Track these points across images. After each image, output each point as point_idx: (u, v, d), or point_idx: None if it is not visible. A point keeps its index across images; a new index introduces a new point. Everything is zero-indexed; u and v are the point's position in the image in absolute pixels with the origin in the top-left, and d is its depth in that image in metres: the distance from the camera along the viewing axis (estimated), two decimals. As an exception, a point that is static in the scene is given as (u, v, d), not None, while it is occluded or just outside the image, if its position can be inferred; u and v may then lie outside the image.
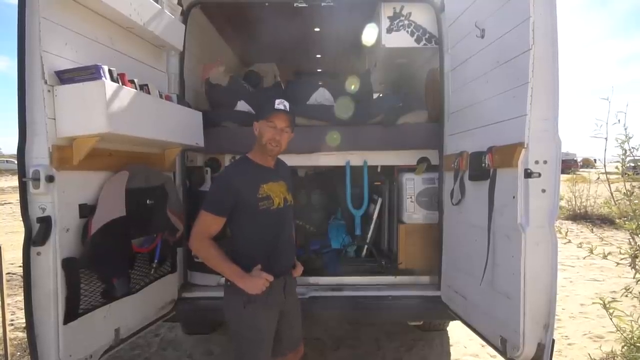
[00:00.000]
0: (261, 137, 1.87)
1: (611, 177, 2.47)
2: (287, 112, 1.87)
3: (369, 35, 3.15)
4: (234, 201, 1.80)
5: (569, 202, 9.14)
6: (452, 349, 3.29)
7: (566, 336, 3.50)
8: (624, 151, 2.27)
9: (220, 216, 1.79)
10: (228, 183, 1.83)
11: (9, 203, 12.57)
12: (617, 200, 2.41)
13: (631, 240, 2.31)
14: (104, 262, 1.80)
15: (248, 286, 1.75)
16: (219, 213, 1.79)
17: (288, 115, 1.88)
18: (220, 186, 1.86)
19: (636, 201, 2.32)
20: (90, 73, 1.65)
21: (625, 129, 2.21)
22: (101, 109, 1.63)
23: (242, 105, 2.96)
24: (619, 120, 2.18)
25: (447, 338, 3.43)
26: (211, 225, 1.79)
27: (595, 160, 26.97)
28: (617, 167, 2.34)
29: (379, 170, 3.05)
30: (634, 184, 2.36)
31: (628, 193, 2.30)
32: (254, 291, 1.74)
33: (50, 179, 1.59)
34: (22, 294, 1.64)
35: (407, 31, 2.86)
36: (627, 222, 2.30)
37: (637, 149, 2.26)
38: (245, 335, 1.84)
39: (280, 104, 1.86)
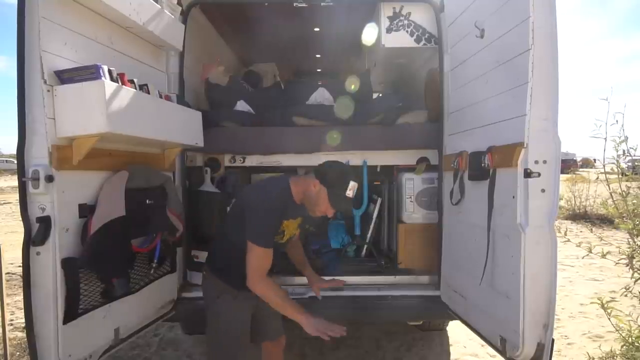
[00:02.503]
0: (317, 203, 1.88)
1: (611, 177, 2.47)
2: (351, 201, 1.90)
3: (369, 35, 3.15)
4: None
5: (569, 202, 9.15)
6: (451, 349, 3.29)
7: (566, 336, 3.51)
8: (621, 152, 2.27)
9: (272, 249, 1.82)
10: (276, 214, 1.84)
11: (9, 203, 12.56)
12: (614, 201, 2.42)
13: (629, 240, 2.32)
14: (103, 262, 1.79)
15: (310, 325, 1.77)
16: (271, 246, 1.81)
17: (350, 205, 1.93)
18: (270, 218, 1.83)
19: (634, 201, 2.32)
20: (89, 73, 1.65)
21: (622, 130, 2.22)
22: (101, 109, 1.63)
23: (241, 105, 2.96)
24: (616, 121, 2.18)
25: (447, 338, 3.43)
26: (267, 261, 1.81)
27: (594, 160, 27.00)
28: (612, 169, 2.35)
29: (378, 170, 3.05)
30: (630, 184, 2.37)
31: (624, 193, 2.30)
32: (312, 331, 1.76)
33: (49, 178, 1.59)
34: (22, 293, 1.63)
35: (407, 31, 2.86)
36: (624, 222, 2.31)
37: (635, 149, 2.27)
38: (218, 326, 1.91)
39: (351, 190, 1.86)
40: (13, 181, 18.52)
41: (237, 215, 1.89)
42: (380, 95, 4.29)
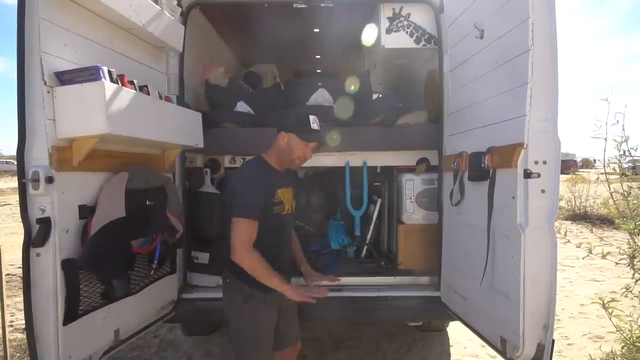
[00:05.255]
0: (291, 151, 1.88)
1: (611, 177, 2.47)
2: (319, 132, 1.91)
3: (369, 36, 3.15)
4: (264, 201, 1.80)
5: (569, 203, 9.16)
6: (451, 350, 3.29)
7: (566, 336, 3.50)
8: (622, 152, 2.28)
9: (256, 220, 1.78)
10: (257, 183, 1.82)
11: (9, 204, 12.56)
12: (615, 201, 2.42)
13: (630, 240, 2.32)
14: (103, 263, 1.79)
15: (294, 294, 1.77)
16: (256, 216, 1.78)
17: (320, 136, 1.92)
18: (250, 188, 1.82)
19: (635, 201, 2.32)
20: (89, 74, 1.65)
21: (623, 130, 2.22)
22: (101, 110, 1.63)
23: (241, 106, 2.97)
24: (617, 122, 2.19)
25: (447, 339, 3.43)
26: (251, 232, 1.77)
27: (594, 160, 27.01)
28: (613, 169, 2.35)
29: (378, 170, 3.05)
30: (631, 184, 2.36)
31: (625, 194, 2.30)
32: (297, 297, 1.77)
33: (49, 180, 1.59)
34: (22, 295, 1.63)
35: (407, 32, 2.86)
36: (625, 222, 2.31)
37: (636, 149, 2.27)
38: (246, 332, 1.86)
39: (315, 123, 1.88)
40: (13, 182, 18.53)
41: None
42: (380, 95, 4.29)
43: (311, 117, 1.88)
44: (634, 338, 2.22)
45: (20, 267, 1.71)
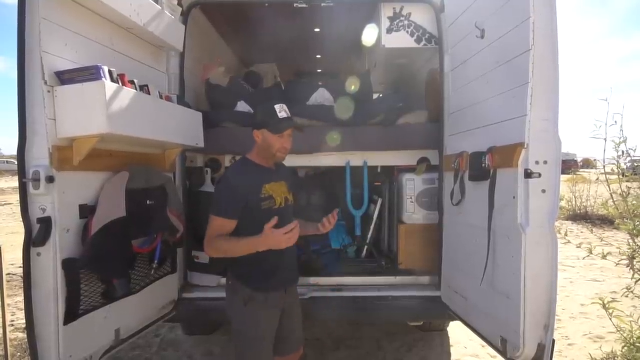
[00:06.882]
0: (269, 147, 1.87)
1: (611, 177, 2.47)
2: (291, 119, 1.89)
3: (369, 35, 3.15)
4: (243, 202, 1.80)
5: (569, 202, 9.14)
6: (452, 349, 3.28)
7: (566, 336, 3.50)
8: (620, 152, 2.28)
9: (230, 219, 1.78)
10: (234, 184, 1.82)
11: (9, 204, 12.57)
12: (615, 201, 2.42)
13: (630, 240, 2.32)
14: (104, 262, 1.80)
15: (273, 242, 1.69)
16: (229, 216, 1.78)
17: (291, 122, 1.90)
18: (226, 188, 1.83)
19: (634, 202, 2.32)
20: (90, 73, 1.65)
21: (621, 130, 2.22)
22: (101, 110, 1.63)
23: (242, 106, 2.97)
24: (615, 122, 2.19)
25: (447, 338, 3.43)
26: (222, 229, 1.78)
27: (595, 160, 26.99)
28: (612, 169, 2.35)
29: (379, 170, 3.04)
30: (630, 184, 2.37)
31: (624, 194, 2.31)
32: (275, 244, 1.69)
33: (50, 179, 1.59)
34: (22, 294, 1.64)
35: (407, 31, 2.87)
36: (624, 223, 2.31)
37: (634, 150, 2.27)
38: (246, 333, 1.85)
39: (282, 111, 1.86)
40: (14, 182, 18.54)
41: None
42: (381, 95, 4.29)
43: (277, 107, 1.86)
44: (634, 338, 2.22)
45: (20, 267, 1.71)
